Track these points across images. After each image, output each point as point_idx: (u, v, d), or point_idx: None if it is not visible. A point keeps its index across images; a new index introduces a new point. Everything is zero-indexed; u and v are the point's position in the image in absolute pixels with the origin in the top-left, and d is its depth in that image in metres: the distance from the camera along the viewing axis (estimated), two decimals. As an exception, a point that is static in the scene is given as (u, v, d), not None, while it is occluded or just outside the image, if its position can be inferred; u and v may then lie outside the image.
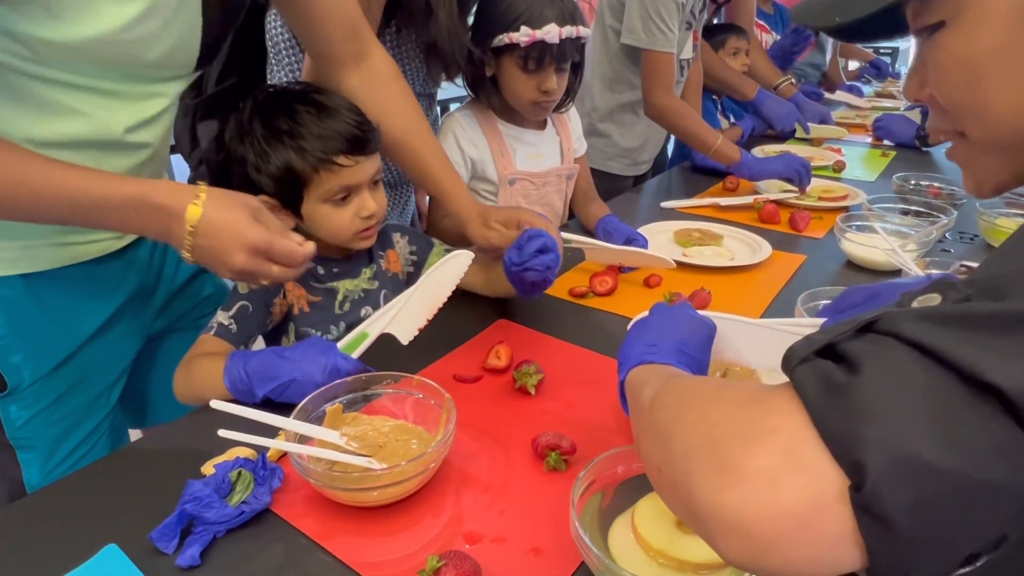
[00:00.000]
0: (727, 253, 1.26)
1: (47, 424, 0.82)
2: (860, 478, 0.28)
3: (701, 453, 0.35)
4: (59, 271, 0.79)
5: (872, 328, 0.32)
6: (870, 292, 0.68)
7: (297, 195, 0.86)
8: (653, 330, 0.61)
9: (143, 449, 0.73)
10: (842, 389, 0.30)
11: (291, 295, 0.91)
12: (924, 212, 1.38)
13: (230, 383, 0.76)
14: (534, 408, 0.80)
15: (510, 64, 1.21)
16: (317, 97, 0.86)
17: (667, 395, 0.43)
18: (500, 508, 0.64)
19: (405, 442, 0.70)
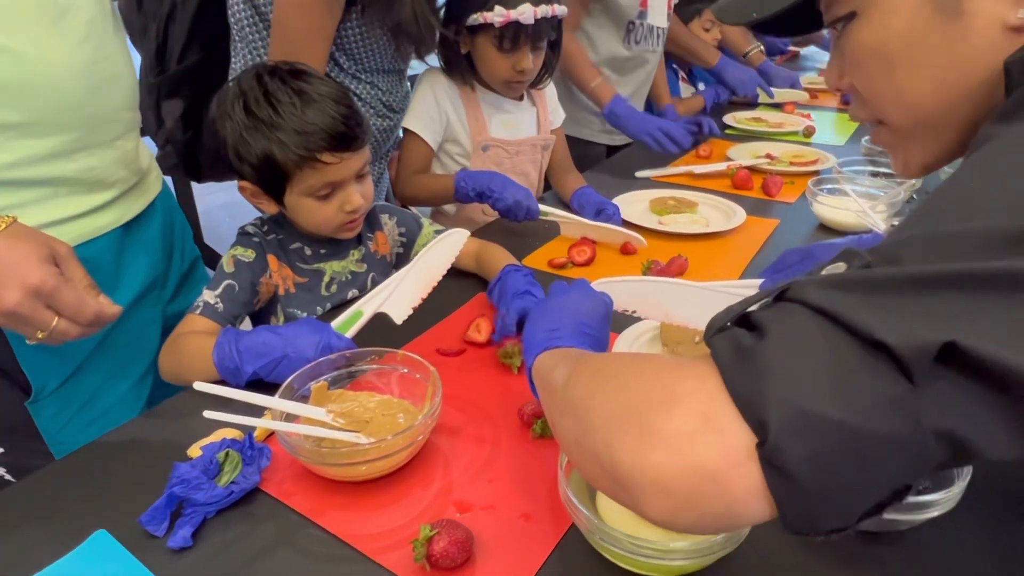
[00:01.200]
0: (702, 220, 1.27)
1: (83, 426, 0.81)
2: (764, 434, 0.30)
3: (621, 419, 0.36)
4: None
5: (783, 297, 0.34)
6: (805, 252, 0.70)
7: (279, 186, 0.84)
8: (553, 313, 0.61)
9: (127, 435, 0.72)
10: (749, 352, 0.32)
11: (276, 275, 0.90)
12: (892, 174, 1.40)
13: (219, 360, 0.74)
14: (520, 379, 0.80)
15: (484, 43, 1.20)
16: (302, 85, 0.81)
17: (581, 372, 0.45)
18: (489, 477, 0.65)
19: (392, 416, 0.71)
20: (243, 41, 1.18)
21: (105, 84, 0.77)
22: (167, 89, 1.30)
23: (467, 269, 1.04)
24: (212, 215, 3.70)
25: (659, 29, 1.73)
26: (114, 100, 0.79)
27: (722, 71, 2.07)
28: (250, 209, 1.35)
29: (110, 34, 0.79)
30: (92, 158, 0.77)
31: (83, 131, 0.75)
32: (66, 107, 0.73)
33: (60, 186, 0.75)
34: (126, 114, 0.82)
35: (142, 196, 0.87)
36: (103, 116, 0.78)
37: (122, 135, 0.81)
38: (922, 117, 0.47)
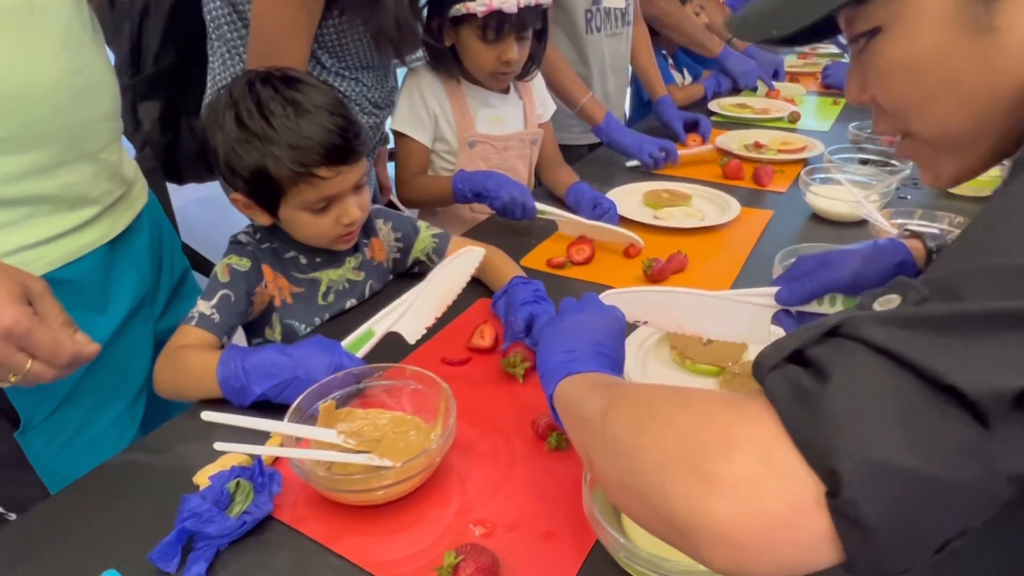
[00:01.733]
0: (697, 213, 1.26)
1: (76, 453, 0.78)
2: (835, 485, 0.29)
3: (676, 464, 0.35)
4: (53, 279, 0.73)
5: (838, 332, 0.33)
6: (821, 260, 0.69)
7: (273, 200, 0.81)
8: (566, 334, 0.60)
9: (126, 464, 0.70)
10: (812, 397, 0.31)
11: (272, 286, 0.87)
12: (881, 161, 1.41)
13: (223, 379, 0.72)
14: (528, 388, 0.79)
15: (469, 34, 1.17)
16: (295, 95, 0.77)
17: (619, 406, 0.43)
18: (507, 494, 0.64)
19: (403, 434, 0.69)
20: (220, 40, 1.14)
21: (85, 94, 0.73)
22: (143, 91, 1.25)
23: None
24: (186, 211, 3.60)
25: (617, 11, 1.71)
26: (95, 110, 0.75)
27: (724, 61, 2.06)
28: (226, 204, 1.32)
29: (88, 41, 0.75)
30: (73, 173, 0.73)
31: (63, 145, 0.71)
32: (44, 120, 0.69)
33: (41, 204, 0.71)
34: (108, 124, 0.78)
35: (128, 209, 0.84)
36: (84, 128, 0.74)
37: (105, 147, 0.77)
38: (953, 131, 0.46)
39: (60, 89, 0.70)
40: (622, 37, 1.76)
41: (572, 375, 0.54)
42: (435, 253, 1.02)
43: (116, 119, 0.81)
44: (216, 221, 3.38)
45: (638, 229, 1.21)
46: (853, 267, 0.67)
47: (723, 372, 0.78)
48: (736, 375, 0.77)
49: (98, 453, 0.78)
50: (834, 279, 0.67)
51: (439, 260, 1.01)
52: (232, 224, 0.93)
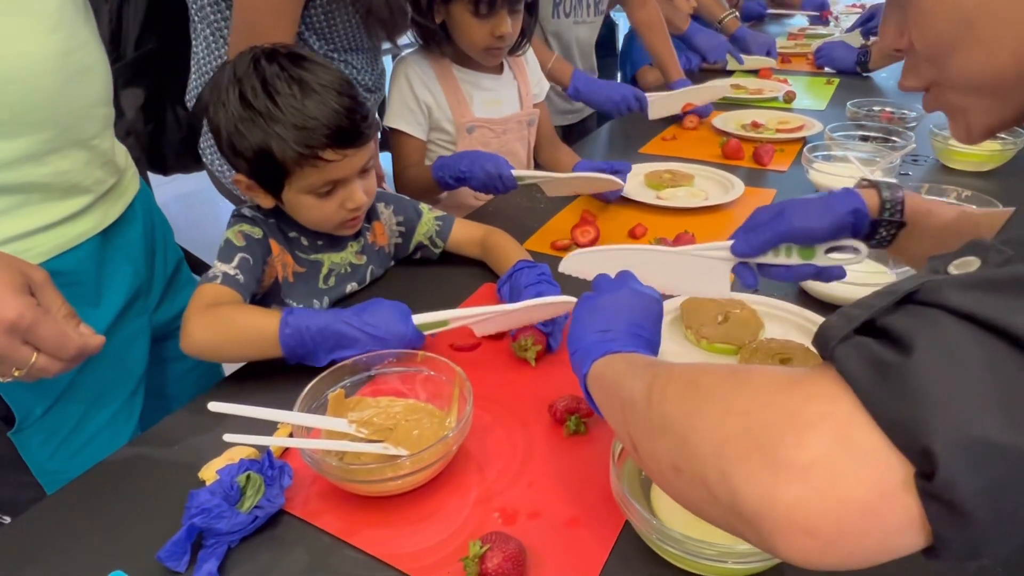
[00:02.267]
0: (700, 193, 1.24)
1: (72, 452, 0.75)
2: (929, 466, 0.27)
3: (738, 447, 0.32)
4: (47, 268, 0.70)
5: (913, 299, 0.30)
6: (775, 210, 0.68)
7: (277, 181, 0.78)
8: (602, 313, 0.57)
9: (127, 460, 0.67)
10: (894, 371, 0.28)
11: (278, 260, 0.84)
12: (882, 137, 1.40)
13: (293, 345, 0.70)
14: (540, 372, 0.77)
15: (461, 10, 1.13)
16: (302, 73, 0.74)
17: (667, 386, 0.40)
18: (528, 480, 0.62)
19: (416, 421, 0.66)
20: (204, 22, 1.10)
21: (78, 77, 0.69)
22: (125, 77, 1.20)
23: (471, 256, 1.00)
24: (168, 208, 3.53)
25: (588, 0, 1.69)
26: (88, 95, 0.71)
27: (692, 37, 2.07)
28: (210, 200, 1.28)
29: (81, 22, 0.71)
30: (66, 160, 0.70)
31: (55, 131, 0.68)
32: (36, 104, 0.65)
33: (32, 192, 0.68)
34: (101, 110, 0.74)
35: (120, 198, 0.80)
36: (77, 113, 0.70)
37: (98, 133, 0.73)
38: (996, 77, 0.44)
39: (52, 72, 0.66)
40: (593, 26, 1.75)
41: (609, 355, 0.52)
42: (439, 236, 0.99)
43: (108, 105, 0.77)
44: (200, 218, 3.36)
45: (642, 210, 1.19)
46: (806, 216, 0.65)
47: (741, 351, 0.77)
48: (755, 351, 0.75)
49: (95, 451, 0.75)
50: (787, 229, 0.66)
51: (443, 243, 0.99)
52: (216, 220, 0.90)
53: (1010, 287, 0.28)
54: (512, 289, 0.85)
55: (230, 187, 1.18)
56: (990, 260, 0.30)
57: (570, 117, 1.83)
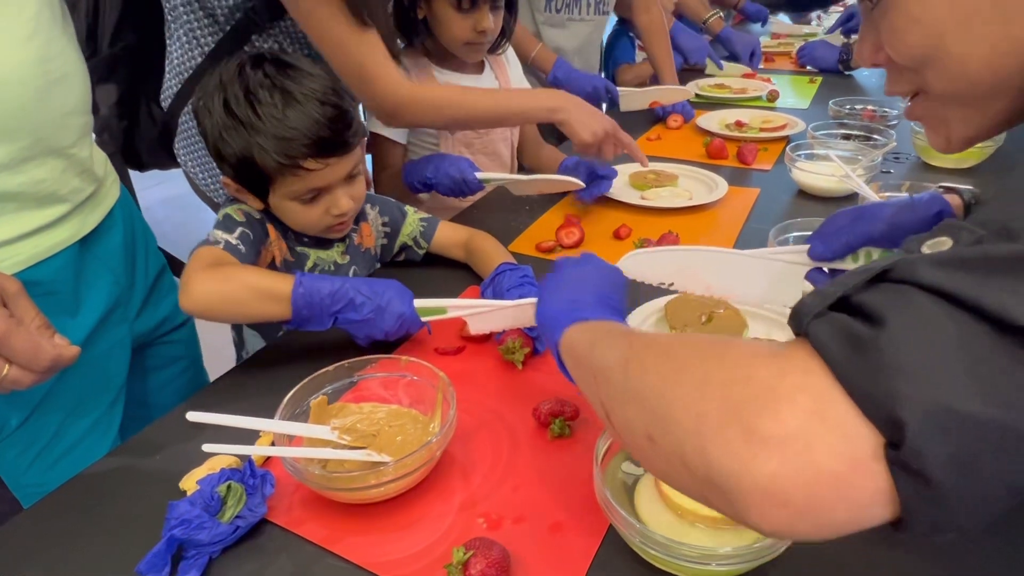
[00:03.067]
0: (685, 193, 1.25)
1: (49, 464, 0.74)
2: (898, 435, 0.28)
3: (715, 419, 0.33)
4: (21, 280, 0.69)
5: (886, 277, 0.31)
6: (856, 214, 0.67)
7: (262, 187, 0.79)
8: (569, 285, 0.58)
9: (106, 471, 0.66)
10: (867, 344, 0.29)
11: (274, 245, 0.85)
12: (863, 136, 1.41)
13: (304, 303, 0.71)
14: (525, 375, 0.77)
15: (443, 4, 1.14)
16: (285, 82, 0.75)
17: (643, 355, 0.41)
18: (512, 485, 0.62)
19: (400, 427, 0.66)
20: (177, 22, 1.09)
21: (55, 86, 0.68)
22: (100, 73, 1.19)
23: (455, 258, 1.00)
24: (153, 212, 3.51)
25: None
26: (65, 103, 0.70)
27: (674, 37, 2.08)
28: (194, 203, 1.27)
29: (59, 31, 0.70)
30: (42, 169, 0.69)
31: (31, 139, 0.67)
32: (11, 112, 0.64)
33: (7, 202, 0.67)
34: (79, 118, 0.73)
35: (99, 206, 0.79)
36: (54, 121, 0.69)
37: (75, 142, 0.72)
38: (970, 83, 0.45)
39: (27, 80, 0.65)
40: (592, 24, 1.74)
41: (580, 322, 0.52)
42: (423, 237, 0.99)
43: (87, 113, 0.76)
44: (184, 220, 3.32)
45: (626, 211, 1.19)
46: (891, 218, 0.64)
47: (724, 351, 0.77)
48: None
49: (74, 462, 0.74)
50: (871, 231, 0.65)
51: (427, 244, 0.99)
52: (202, 223, 0.90)
53: (980, 265, 0.29)
54: (495, 292, 0.85)
55: (205, 190, 1.17)
56: (962, 240, 0.31)
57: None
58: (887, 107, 1.61)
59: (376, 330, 0.73)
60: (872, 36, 0.49)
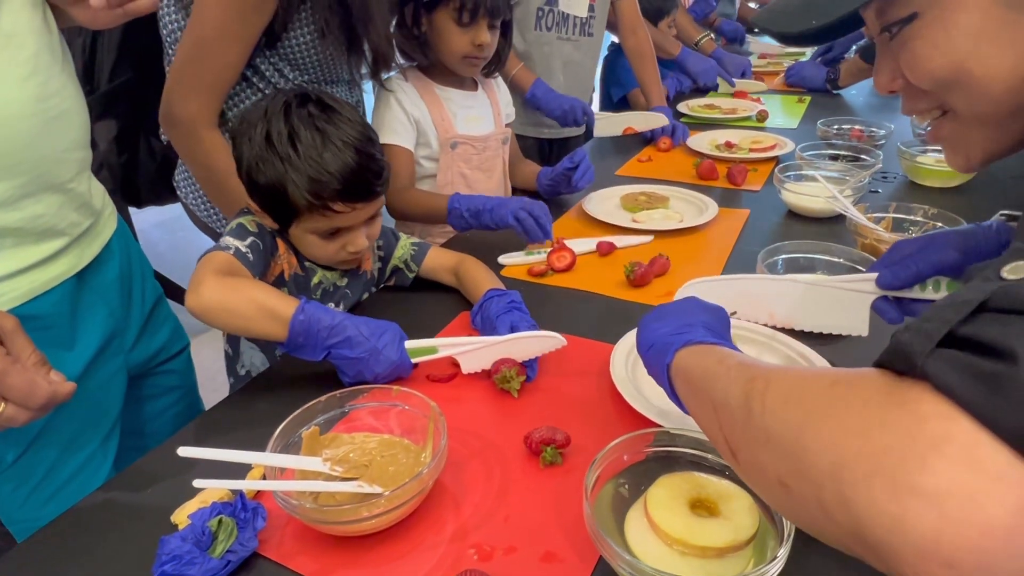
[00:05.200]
0: (675, 215, 1.26)
1: (45, 499, 0.74)
2: None
3: (857, 472, 0.31)
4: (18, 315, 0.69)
5: (988, 307, 0.30)
6: (923, 242, 0.67)
7: (286, 217, 0.81)
8: (675, 314, 0.57)
9: (98, 505, 0.65)
10: (1005, 381, 0.28)
11: (283, 259, 0.87)
12: (851, 156, 1.42)
13: (301, 330, 0.71)
14: (517, 403, 0.77)
15: (444, 18, 1.19)
16: (327, 126, 0.77)
17: (766, 394, 0.39)
18: (504, 514, 0.62)
19: (392, 457, 0.66)
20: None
21: (54, 123, 0.69)
22: (99, 110, 1.20)
23: (445, 283, 1.01)
24: (148, 235, 3.52)
25: (576, 18, 1.73)
26: (64, 139, 0.71)
27: (684, 61, 2.14)
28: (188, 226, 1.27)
29: (58, 69, 0.71)
30: (40, 204, 0.69)
31: (30, 175, 0.67)
32: (11, 150, 0.65)
33: (5, 237, 0.67)
34: (77, 154, 0.74)
35: (96, 239, 0.79)
36: (52, 158, 0.70)
37: (73, 177, 0.73)
38: (995, 107, 0.47)
39: (27, 117, 0.66)
40: (579, 45, 1.78)
41: (692, 345, 0.51)
42: (413, 261, 1.01)
43: (85, 148, 0.77)
44: (179, 244, 3.32)
45: (617, 232, 1.20)
46: (960, 246, 0.63)
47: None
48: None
49: (69, 496, 0.74)
50: (941, 260, 0.64)
51: (417, 268, 1.00)
52: (198, 247, 0.90)
53: None
54: (484, 319, 0.86)
55: (207, 221, 1.18)
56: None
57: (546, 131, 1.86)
58: (875, 127, 1.63)
59: (367, 371, 0.74)
60: (890, 65, 0.51)
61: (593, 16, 1.76)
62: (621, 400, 0.74)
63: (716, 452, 0.59)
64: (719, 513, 0.54)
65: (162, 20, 1.07)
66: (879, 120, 1.64)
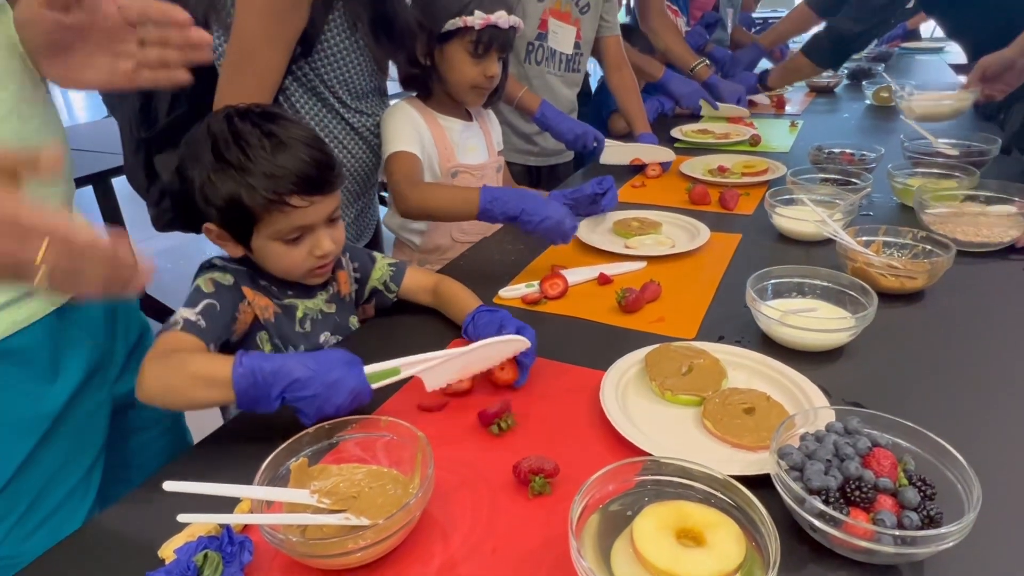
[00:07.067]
0: (668, 241, 1.27)
1: (28, 532, 0.73)
2: None
3: None
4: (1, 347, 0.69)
5: None
6: None
7: (246, 229, 0.81)
8: None
9: (84, 541, 0.65)
10: None
11: (254, 304, 0.86)
12: (842, 180, 1.44)
13: (244, 386, 0.68)
14: (507, 433, 0.77)
15: (457, 49, 1.23)
16: (272, 127, 0.80)
17: None
18: (491, 545, 0.62)
19: (381, 488, 0.66)
20: None
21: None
22: (160, 143, 1.24)
23: (424, 303, 1.03)
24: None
25: (563, 55, 1.78)
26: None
27: (667, 83, 2.17)
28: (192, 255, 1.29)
29: (40, 108, 0.72)
30: None
31: None
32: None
33: None
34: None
35: None
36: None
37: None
38: None
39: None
40: (566, 79, 1.84)
41: None
42: (392, 282, 1.02)
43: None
44: (180, 272, 3.34)
45: (608, 258, 1.21)
46: None
47: (704, 401, 0.77)
48: (717, 404, 0.76)
49: (51, 531, 0.74)
50: None
51: (396, 289, 1.02)
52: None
53: None
54: (476, 333, 0.87)
55: None
56: None
57: (532, 159, 1.89)
58: (865, 151, 1.64)
59: (327, 406, 0.70)
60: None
61: (579, 53, 1.82)
62: (611, 427, 0.74)
63: (703, 480, 0.59)
64: (705, 542, 0.54)
65: (215, 50, 1.10)
66: (869, 144, 1.66)
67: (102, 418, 0.83)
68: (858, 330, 0.87)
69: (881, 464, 0.60)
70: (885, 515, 0.55)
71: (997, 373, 0.83)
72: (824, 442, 0.62)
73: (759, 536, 0.54)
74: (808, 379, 0.80)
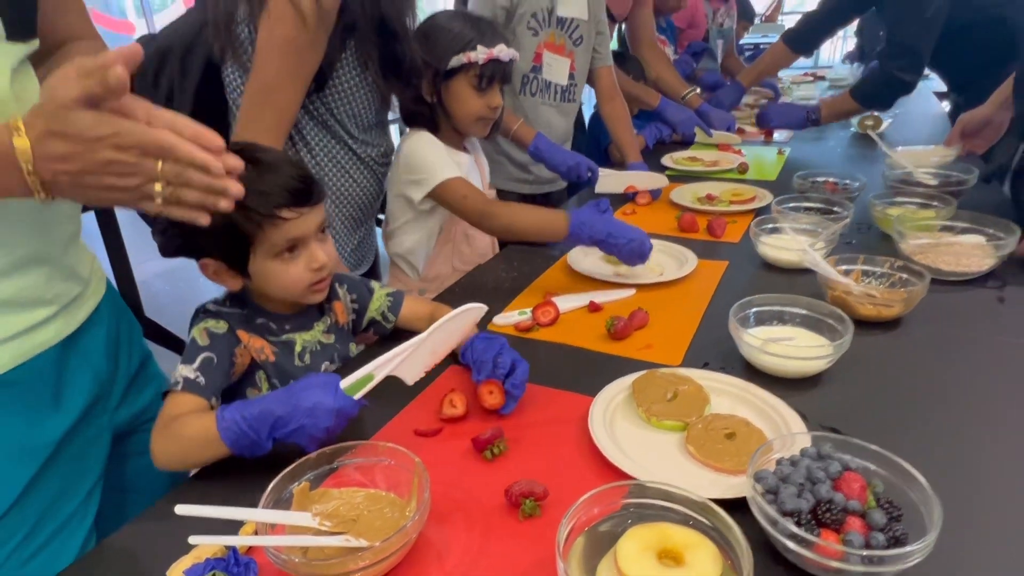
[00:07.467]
0: (656, 268, 1.31)
1: (25, 559, 0.74)
2: None
3: None
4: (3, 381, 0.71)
5: None
6: None
7: (243, 254, 0.85)
8: None
9: (90, 567, 0.68)
10: None
11: (250, 347, 0.90)
12: (825, 209, 1.49)
13: (233, 440, 0.73)
14: (499, 455, 0.80)
15: (462, 84, 1.29)
16: (256, 155, 0.84)
17: None
18: (485, 566, 0.65)
19: (378, 511, 0.69)
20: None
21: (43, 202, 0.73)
22: None
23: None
24: (150, 285, 3.57)
25: (558, 86, 1.84)
26: (54, 213, 0.75)
27: (663, 111, 2.24)
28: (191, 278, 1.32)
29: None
30: (27, 277, 0.72)
31: (20, 250, 0.70)
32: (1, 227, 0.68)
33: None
34: (67, 226, 0.78)
35: (83, 307, 0.82)
36: (41, 231, 0.73)
37: (63, 249, 0.77)
38: None
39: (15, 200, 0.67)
40: (561, 109, 1.89)
41: None
42: (390, 311, 1.06)
43: (75, 220, 0.80)
44: (180, 295, 3.38)
45: (598, 286, 1.25)
46: None
47: (688, 427, 0.81)
48: (700, 430, 0.80)
49: (49, 557, 0.75)
50: None
51: (395, 318, 1.06)
52: (197, 297, 0.95)
53: None
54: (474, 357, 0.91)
55: None
56: None
57: (526, 188, 1.95)
58: (848, 179, 1.70)
59: (316, 432, 0.73)
60: None
61: (574, 84, 1.88)
62: (598, 452, 0.77)
63: (684, 503, 0.62)
64: (684, 562, 0.57)
65: (228, 86, 1.16)
66: (853, 173, 1.71)
67: (102, 445, 0.85)
68: (835, 357, 0.92)
69: (851, 487, 0.63)
70: (854, 536, 0.59)
71: (969, 398, 0.87)
72: (798, 466, 0.66)
73: (735, 556, 0.58)
74: (787, 405, 0.83)
